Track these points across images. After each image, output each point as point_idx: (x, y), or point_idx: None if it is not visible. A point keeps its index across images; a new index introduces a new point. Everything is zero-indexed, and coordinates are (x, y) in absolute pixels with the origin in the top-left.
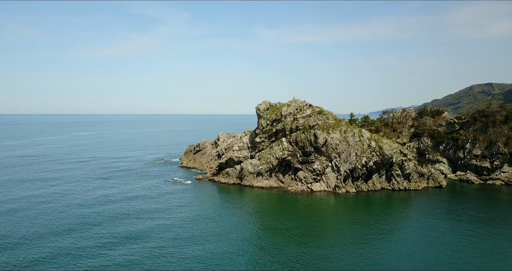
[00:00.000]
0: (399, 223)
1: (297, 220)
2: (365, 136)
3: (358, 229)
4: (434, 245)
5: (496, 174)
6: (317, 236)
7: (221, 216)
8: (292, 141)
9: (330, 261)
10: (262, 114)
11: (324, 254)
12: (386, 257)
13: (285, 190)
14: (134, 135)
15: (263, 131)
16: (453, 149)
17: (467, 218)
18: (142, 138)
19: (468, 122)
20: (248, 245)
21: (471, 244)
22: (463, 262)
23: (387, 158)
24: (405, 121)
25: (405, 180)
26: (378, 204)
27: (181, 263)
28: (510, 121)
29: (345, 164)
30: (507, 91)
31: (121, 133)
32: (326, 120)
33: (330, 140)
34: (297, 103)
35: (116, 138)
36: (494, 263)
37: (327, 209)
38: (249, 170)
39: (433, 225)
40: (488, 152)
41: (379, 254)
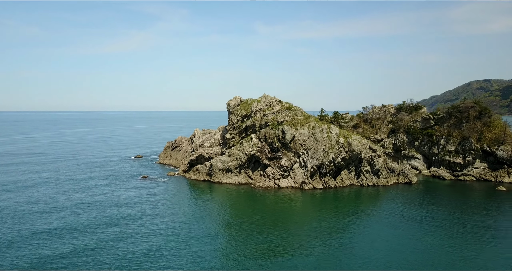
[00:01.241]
0: (358, 219)
1: (262, 216)
2: (334, 131)
3: (321, 225)
4: (395, 242)
5: (468, 170)
6: (281, 234)
7: (183, 214)
8: (261, 137)
9: (296, 258)
10: (232, 110)
11: (290, 251)
12: (349, 253)
13: (253, 186)
14: (124, 132)
15: (234, 128)
16: (428, 145)
17: (427, 214)
18: (130, 135)
19: (443, 118)
20: (208, 243)
21: (431, 241)
22: (424, 260)
23: (356, 154)
24: (384, 118)
25: (374, 176)
26: (341, 201)
27: (134, 261)
28: (484, 117)
29: (312, 160)
30: (505, 87)
31: (111, 130)
32: (295, 116)
33: (298, 136)
34: (267, 99)
35: (105, 134)
36: (444, 258)
37: (292, 205)
38: (218, 166)
39: (393, 221)
40: (461, 148)
41: (342, 250)
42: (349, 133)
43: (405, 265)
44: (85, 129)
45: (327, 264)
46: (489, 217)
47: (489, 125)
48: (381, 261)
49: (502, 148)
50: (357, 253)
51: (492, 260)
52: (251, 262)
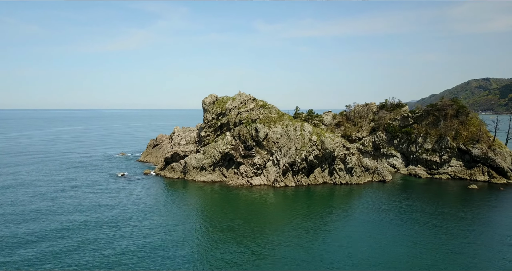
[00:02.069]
0: (327, 217)
1: (234, 214)
2: (307, 130)
3: (292, 223)
4: (365, 241)
5: (444, 168)
6: (254, 233)
7: (153, 214)
8: (235, 134)
9: (269, 258)
10: (207, 108)
11: (263, 250)
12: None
13: (226, 184)
14: (116, 130)
15: (209, 125)
16: (406, 143)
17: (394, 212)
18: (121, 133)
19: (421, 116)
20: (180, 244)
21: (402, 238)
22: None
23: (329, 152)
24: (366, 116)
25: (348, 174)
26: (311, 198)
27: (103, 261)
28: (461, 115)
29: (285, 158)
30: (504, 86)
31: (104, 128)
32: (269, 114)
33: (271, 133)
34: (242, 97)
35: (96, 132)
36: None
37: (263, 203)
38: (192, 164)
39: (359, 219)
40: (438, 146)
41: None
42: (323, 131)
43: (377, 264)
44: (78, 128)
45: (300, 264)
46: (452, 216)
47: (466, 124)
48: (351, 260)
49: (477, 146)
50: (328, 251)
51: (444, 261)
52: (225, 262)
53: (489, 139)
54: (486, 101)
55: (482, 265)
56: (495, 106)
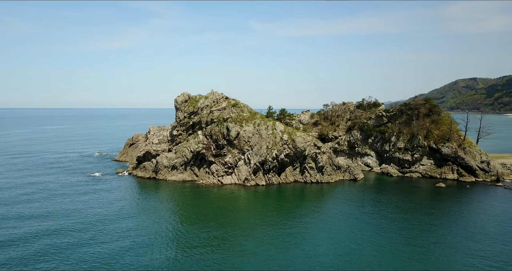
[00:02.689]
0: (291, 216)
1: (204, 214)
2: (278, 128)
3: (256, 222)
4: (332, 239)
5: (416, 167)
6: (223, 232)
7: (121, 214)
8: (207, 133)
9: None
10: (180, 106)
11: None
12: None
13: (197, 183)
14: (102, 129)
15: (181, 124)
16: (380, 142)
17: (360, 210)
18: (106, 132)
19: (395, 115)
20: (147, 246)
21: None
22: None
23: (300, 150)
24: (343, 115)
25: (319, 172)
26: (279, 197)
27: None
28: (433, 114)
29: (256, 157)
30: (490, 86)
31: (90, 127)
32: (241, 113)
33: (242, 132)
34: (214, 96)
35: (81, 131)
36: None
37: (233, 202)
38: (164, 163)
39: (324, 217)
40: (410, 145)
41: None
42: (294, 130)
43: (345, 262)
44: (64, 127)
45: (269, 263)
46: (414, 213)
47: (437, 123)
48: (321, 259)
49: (447, 145)
50: (298, 250)
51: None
52: (195, 262)
53: (460, 138)
54: (473, 101)
55: (446, 261)
56: (481, 106)
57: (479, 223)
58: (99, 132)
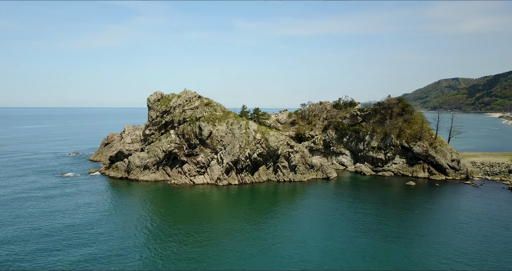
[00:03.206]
0: (263, 214)
1: (176, 215)
2: (252, 128)
3: (224, 223)
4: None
5: (388, 165)
6: (197, 232)
7: (90, 215)
8: (179, 133)
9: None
10: (152, 105)
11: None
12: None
13: (169, 183)
14: (81, 128)
15: (153, 124)
16: (355, 141)
17: (328, 208)
18: (84, 131)
19: (369, 115)
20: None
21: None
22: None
23: (273, 149)
24: (320, 114)
25: (291, 171)
26: (248, 197)
27: None
28: (406, 113)
29: (229, 156)
30: (472, 86)
31: (67, 127)
32: (213, 112)
33: (215, 132)
34: (187, 95)
35: (59, 131)
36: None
37: (205, 202)
38: (136, 163)
39: (291, 215)
40: (383, 144)
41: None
42: (267, 129)
43: (317, 261)
44: (41, 126)
45: (242, 263)
46: (381, 212)
47: (410, 122)
48: (294, 258)
49: (418, 143)
50: (269, 249)
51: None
52: (169, 262)
53: (431, 137)
54: (455, 100)
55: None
56: (463, 105)
57: (444, 220)
58: (77, 132)
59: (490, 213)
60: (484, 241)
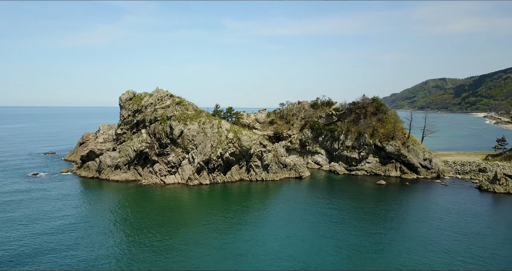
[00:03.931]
0: (226, 213)
1: (146, 215)
2: (224, 127)
3: (196, 221)
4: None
5: (362, 165)
6: (166, 233)
7: (57, 217)
8: (151, 132)
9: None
10: (124, 104)
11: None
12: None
13: (139, 183)
14: (59, 128)
15: (125, 123)
16: (330, 140)
17: (297, 206)
18: (66, 131)
19: (344, 114)
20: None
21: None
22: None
23: (246, 149)
24: (298, 114)
25: (264, 170)
26: (219, 196)
27: None
28: (380, 113)
29: (200, 156)
30: (458, 86)
31: (48, 126)
32: (185, 111)
33: (186, 131)
34: (159, 94)
35: (38, 130)
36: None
37: (175, 202)
38: (107, 163)
39: (260, 214)
40: (357, 143)
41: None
42: (240, 129)
43: (285, 260)
44: (21, 125)
45: (217, 262)
46: (347, 210)
47: (383, 121)
48: (269, 256)
49: (391, 143)
50: (241, 249)
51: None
52: (137, 264)
53: (404, 136)
54: (442, 100)
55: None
56: (449, 105)
57: (406, 218)
58: (56, 132)
59: (453, 210)
60: (441, 241)
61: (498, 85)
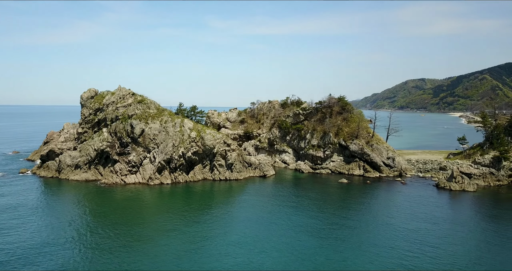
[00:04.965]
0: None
1: (105, 215)
2: (187, 126)
3: (152, 221)
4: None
5: (327, 163)
6: (127, 233)
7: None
8: (112, 131)
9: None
10: (85, 103)
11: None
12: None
13: (99, 183)
14: (32, 127)
15: (86, 121)
16: (297, 139)
17: (257, 205)
18: (32, 130)
19: (311, 113)
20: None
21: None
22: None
23: (209, 148)
24: (268, 113)
25: (228, 170)
26: (181, 196)
27: None
28: (345, 112)
29: (161, 155)
30: (437, 86)
31: (16, 125)
32: (147, 109)
33: (148, 130)
34: (121, 92)
35: (7, 130)
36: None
37: (137, 202)
38: (67, 162)
39: (216, 213)
40: (322, 142)
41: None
42: (204, 127)
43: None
44: None
45: (176, 262)
46: (303, 208)
47: (348, 120)
48: (233, 255)
49: (355, 141)
50: (202, 248)
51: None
52: (101, 265)
53: (368, 135)
54: (421, 100)
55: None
56: (428, 105)
57: (360, 216)
58: (27, 131)
59: (407, 208)
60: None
61: (474, 85)
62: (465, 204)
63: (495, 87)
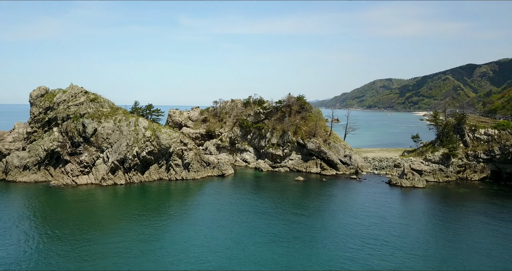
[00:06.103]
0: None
1: (56, 217)
2: (141, 125)
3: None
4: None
5: (285, 161)
6: (81, 234)
7: None
8: (63, 130)
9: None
10: (34, 101)
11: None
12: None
13: (49, 184)
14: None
15: (35, 121)
16: (258, 138)
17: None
18: None
19: (271, 112)
20: None
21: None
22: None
23: (165, 147)
24: (231, 112)
25: (185, 169)
26: (135, 196)
27: None
28: (304, 111)
29: (115, 154)
30: (403, 86)
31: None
32: (100, 108)
33: (101, 129)
34: (73, 90)
35: None
36: None
37: (90, 203)
38: (14, 163)
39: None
40: (281, 141)
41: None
42: (160, 126)
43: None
44: None
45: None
46: (257, 205)
47: (307, 119)
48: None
49: (312, 140)
50: (156, 249)
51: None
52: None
53: (326, 133)
54: (388, 99)
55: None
56: (395, 104)
57: (310, 212)
58: None
59: (358, 203)
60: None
61: (438, 85)
62: (414, 200)
63: (457, 87)
